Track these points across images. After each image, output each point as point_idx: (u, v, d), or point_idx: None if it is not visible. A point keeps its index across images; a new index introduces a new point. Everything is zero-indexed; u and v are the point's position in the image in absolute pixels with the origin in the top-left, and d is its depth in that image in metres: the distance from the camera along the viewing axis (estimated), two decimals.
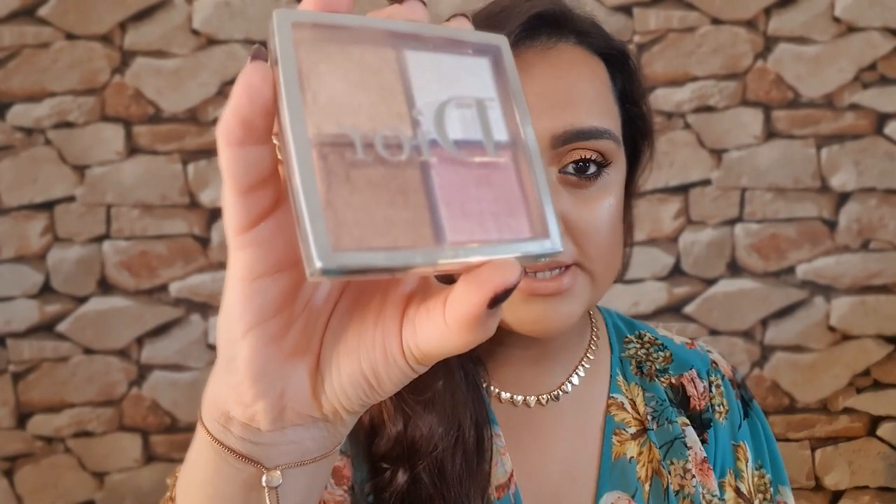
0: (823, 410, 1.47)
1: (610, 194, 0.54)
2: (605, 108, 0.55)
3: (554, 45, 0.54)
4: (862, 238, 1.44)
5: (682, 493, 0.62)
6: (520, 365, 0.63)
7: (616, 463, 0.62)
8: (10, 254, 1.38)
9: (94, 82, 1.36)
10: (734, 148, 1.41)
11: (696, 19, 1.39)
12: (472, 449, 0.57)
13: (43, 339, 1.40)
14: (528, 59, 0.53)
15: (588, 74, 0.54)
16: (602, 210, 0.54)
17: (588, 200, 0.53)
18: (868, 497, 1.49)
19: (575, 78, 0.53)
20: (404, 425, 0.57)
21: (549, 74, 0.53)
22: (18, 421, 1.40)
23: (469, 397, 0.58)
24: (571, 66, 0.54)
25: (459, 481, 0.56)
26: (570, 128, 0.51)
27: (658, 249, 1.43)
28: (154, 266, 1.39)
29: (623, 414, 0.64)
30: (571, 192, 0.53)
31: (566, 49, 0.55)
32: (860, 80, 1.41)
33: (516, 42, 0.52)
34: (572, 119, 0.52)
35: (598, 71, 0.56)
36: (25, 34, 1.35)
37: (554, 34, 0.55)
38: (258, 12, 1.36)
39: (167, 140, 1.37)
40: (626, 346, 0.68)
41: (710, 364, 0.68)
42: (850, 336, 1.46)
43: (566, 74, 0.53)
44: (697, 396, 0.66)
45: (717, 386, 0.67)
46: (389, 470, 0.57)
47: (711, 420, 0.65)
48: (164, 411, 1.41)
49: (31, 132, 1.36)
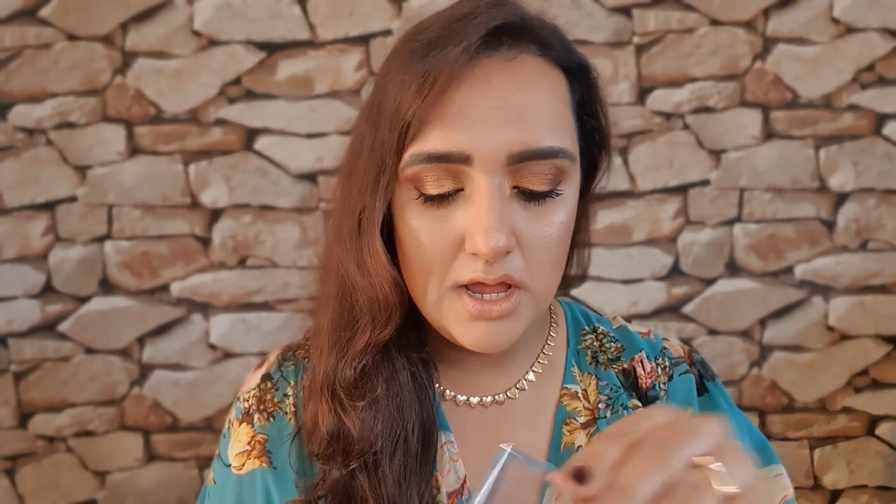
0: (822, 410, 1.47)
1: (561, 209, 0.55)
2: (562, 124, 0.55)
3: (514, 57, 0.54)
4: (860, 238, 1.44)
5: None
6: (475, 368, 0.63)
7: (564, 452, 0.62)
8: (11, 254, 1.38)
9: (95, 83, 1.36)
10: (733, 148, 1.42)
11: (695, 20, 1.39)
12: (414, 450, 0.58)
13: (44, 338, 1.40)
14: (487, 69, 0.53)
15: (547, 89, 0.54)
16: (553, 227, 0.54)
17: (540, 216, 0.54)
18: (867, 496, 1.50)
19: (532, 92, 0.53)
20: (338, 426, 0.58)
21: (509, 87, 0.53)
22: (20, 420, 1.41)
23: (415, 399, 0.59)
24: (530, 80, 0.54)
25: (398, 482, 0.57)
26: (525, 147, 0.52)
27: (657, 249, 1.43)
28: (155, 266, 1.40)
29: (574, 403, 0.64)
30: (524, 206, 0.54)
31: (527, 61, 0.55)
32: (859, 81, 1.41)
33: (476, 52, 0.52)
34: (528, 137, 0.52)
35: (557, 84, 0.56)
36: (27, 35, 1.35)
37: (514, 45, 0.54)
38: (259, 13, 1.36)
39: (168, 140, 1.38)
40: (582, 338, 0.69)
41: (661, 349, 0.69)
42: (848, 336, 1.46)
43: (524, 88, 0.53)
44: (645, 376, 0.67)
45: (664, 367, 0.68)
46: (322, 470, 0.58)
47: (657, 397, 0.66)
48: (165, 411, 1.42)
49: (33, 133, 1.37)
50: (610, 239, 1.42)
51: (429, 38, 0.54)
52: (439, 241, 0.54)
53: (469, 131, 0.51)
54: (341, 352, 0.59)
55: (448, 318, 0.56)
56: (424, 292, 0.56)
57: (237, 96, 1.38)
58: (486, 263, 0.52)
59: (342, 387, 0.58)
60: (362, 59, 1.38)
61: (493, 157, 0.51)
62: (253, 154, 1.39)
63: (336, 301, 0.59)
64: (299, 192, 1.40)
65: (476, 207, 0.52)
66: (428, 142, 0.52)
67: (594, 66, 0.60)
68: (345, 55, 1.38)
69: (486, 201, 0.51)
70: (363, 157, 0.57)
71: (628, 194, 1.41)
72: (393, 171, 0.54)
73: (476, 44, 0.52)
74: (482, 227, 0.51)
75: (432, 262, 0.54)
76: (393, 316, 0.57)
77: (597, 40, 1.39)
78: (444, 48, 0.52)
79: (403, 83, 0.53)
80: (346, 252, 0.57)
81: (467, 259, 0.53)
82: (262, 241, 1.40)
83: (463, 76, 0.52)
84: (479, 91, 0.52)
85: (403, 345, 0.60)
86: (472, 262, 0.53)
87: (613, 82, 1.40)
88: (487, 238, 0.51)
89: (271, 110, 1.38)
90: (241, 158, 1.39)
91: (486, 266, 0.52)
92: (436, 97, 0.51)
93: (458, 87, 0.52)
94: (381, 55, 1.39)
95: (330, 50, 1.38)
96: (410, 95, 0.52)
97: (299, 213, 1.40)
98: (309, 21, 1.37)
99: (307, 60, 1.37)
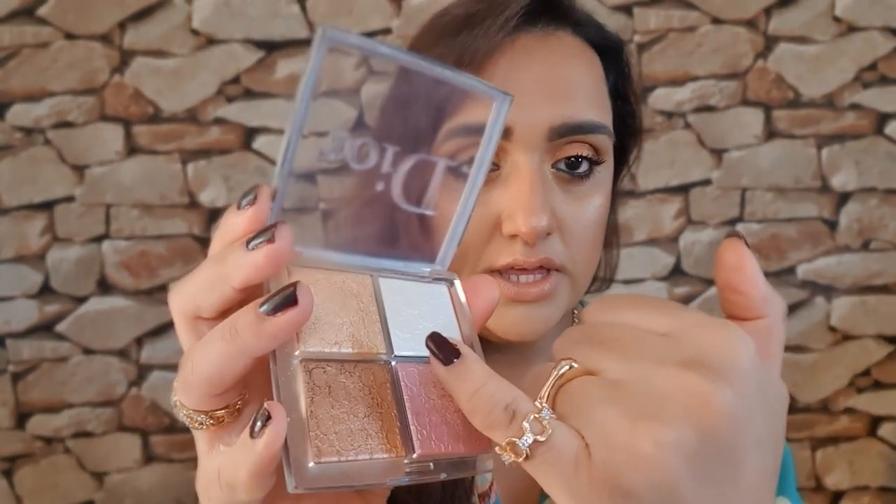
0: (824, 410, 1.47)
1: (599, 193, 0.54)
2: (601, 101, 0.54)
3: (553, 33, 0.54)
4: (862, 238, 1.44)
5: None
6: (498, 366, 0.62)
7: None
8: (9, 254, 1.38)
9: (93, 82, 1.36)
10: (735, 148, 1.41)
11: (697, 19, 1.39)
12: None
13: (42, 339, 1.39)
14: (527, 44, 0.52)
15: (586, 65, 0.54)
16: (591, 209, 0.53)
17: (579, 198, 0.53)
18: (868, 497, 1.49)
19: (573, 67, 0.53)
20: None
21: (549, 61, 0.52)
22: (18, 421, 1.40)
23: None
24: (570, 55, 0.53)
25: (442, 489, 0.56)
26: (568, 120, 0.51)
27: (658, 249, 1.43)
28: (153, 266, 1.39)
29: None
30: (563, 188, 0.53)
31: (564, 38, 0.54)
32: (861, 80, 1.41)
33: (516, 27, 0.52)
34: (570, 111, 0.51)
35: (594, 63, 0.55)
36: (25, 34, 1.34)
37: (552, 21, 0.54)
38: (258, 12, 1.36)
39: (167, 140, 1.37)
40: None
41: None
42: (850, 336, 1.46)
43: (565, 63, 0.53)
44: None
45: None
46: None
47: None
48: (163, 412, 1.41)
49: (31, 132, 1.36)
50: None
51: (465, 13, 0.53)
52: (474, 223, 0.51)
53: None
54: None
55: None
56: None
57: (236, 95, 1.37)
58: (526, 245, 0.51)
59: None
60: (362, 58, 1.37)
61: (533, 131, 0.50)
62: (251, 153, 1.38)
63: None
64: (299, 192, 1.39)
65: (516, 186, 0.50)
66: (467, 114, 0.49)
67: (628, 47, 0.59)
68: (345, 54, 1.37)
69: (528, 180, 0.50)
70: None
71: (629, 194, 1.41)
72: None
73: (515, 18, 0.51)
74: (524, 206, 0.49)
75: (466, 246, 0.52)
76: None
77: None
78: (483, 22, 0.51)
79: (441, 57, 0.51)
80: None
81: (504, 242, 0.51)
82: None
83: (504, 49, 0.51)
84: (521, 64, 0.51)
85: None
86: (510, 245, 0.51)
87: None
88: (529, 218, 0.49)
89: (270, 109, 1.37)
90: (239, 158, 1.38)
91: (526, 248, 0.51)
92: (476, 70, 0.50)
93: (499, 59, 0.51)
94: None
95: None
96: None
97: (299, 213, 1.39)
98: (308, 19, 1.36)
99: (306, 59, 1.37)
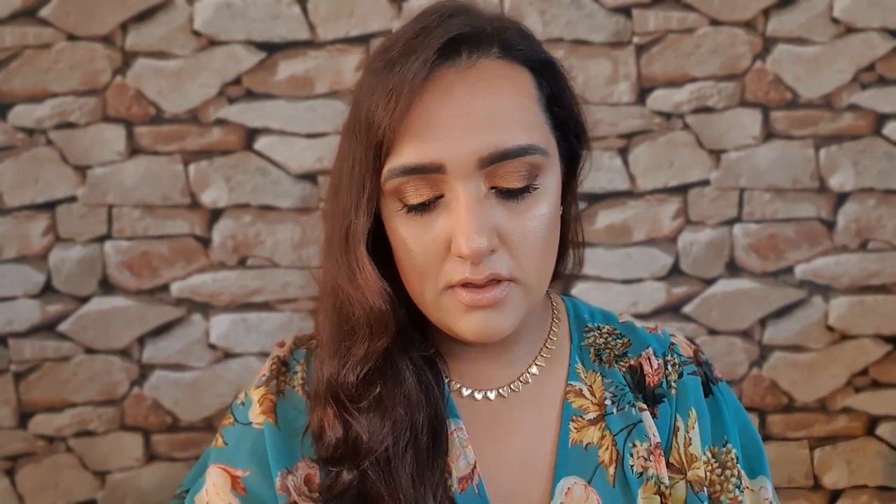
0: (822, 410, 1.47)
1: (542, 203, 0.56)
2: (530, 122, 0.56)
3: (474, 63, 0.56)
4: (860, 238, 1.44)
5: (644, 476, 0.63)
6: (479, 361, 0.65)
7: (572, 449, 0.63)
8: (11, 254, 1.38)
9: (95, 83, 1.36)
10: (733, 148, 1.42)
11: (695, 20, 1.39)
12: (424, 447, 0.60)
13: (44, 338, 1.40)
14: (448, 79, 0.55)
15: (509, 90, 0.56)
16: (535, 220, 0.56)
17: (521, 212, 0.56)
18: (867, 496, 1.50)
19: (496, 96, 0.55)
20: (344, 431, 0.60)
21: (470, 94, 0.54)
22: (20, 420, 1.41)
23: (422, 397, 0.61)
24: (492, 84, 0.55)
25: (412, 479, 0.59)
26: (494, 150, 0.53)
27: (657, 249, 1.43)
28: (155, 266, 1.40)
29: (581, 400, 0.66)
30: (504, 205, 0.56)
31: (487, 66, 0.56)
32: (859, 81, 1.41)
33: (435, 64, 0.54)
34: (496, 140, 0.54)
35: (522, 83, 0.57)
36: (27, 35, 1.35)
37: (474, 51, 0.56)
38: (259, 14, 1.36)
39: (168, 141, 1.38)
40: (585, 335, 0.70)
41: (668, 346, 0.70)
42: (848, 336, 1.46)
43: (487, 92, 0.55)
44: (652, 373, 0.67)
45: (673, 364, 0.68)
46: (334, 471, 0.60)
47: (664, 395, 0.67)
48: (165, 411, 1.42)
49: (33, 133, 1.37)
50: (610, 239, 1.42)
51: (391, 56, 0.56)
52: (427, 248, 0.56)
53: (438, 142, 0.53)
54: (342, 360, 0.61)
55: (447, 315, 0.58)
56: (422, 294, 0.59)
57: (237, 96, 1.38)
58: (472, 265, 0.55)
59: (345, 392, 0.60)
60: (362, 59, 1.38)
61: (464, 164, 0.53)
62: (253, 154, 1.39)
63: (333, 313, 0.62)
64: (299, 192, 1.40)
65: (455, 213, 0.54)
66: (401, 156, 0.54)
67: (559, 60, 0.61)
68: (345, 55, 1.38)
69: (464, 206, 0.54)
70: (345, 174, 0.59)
71: (628, 194, 1.41)
72: (375, 187, 0.57)
73: (433, 57, 0.54)
74: (462, 231, 0.53)
75: (424, 267, 0.57)
76: (388, 326, 0.59)
77: (597, 40, 1.39)
78: (405, 64, 0.54)
79: (372, 101, 0.56)
80: (339, 267, 0.60)
81: (457, 261, 0.55)
82: (262, 241, 1.40)
83: (425, 89, 0.54)
84: (442, 101, 0.54)
85: (406, 346, 0.62)
86: (461, 264, 0.55)
87: (613, 82, 1.40)
88: (469, 241, 0.53)
89: (271, 110, 1.38)
90: (241, 158, 1.39)
91: (473, 267, 0.55)
92: (402, 112, 0.54)
93: (421, 99, 0.54)
94: None
95: (330, 50, 1.38)
96: (380, 113, 0.55)
97: (299, 213, 1.40)
98: (309, 21, 1.37)
99: (307, 60, 1.37)
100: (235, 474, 0.65)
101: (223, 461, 0.68)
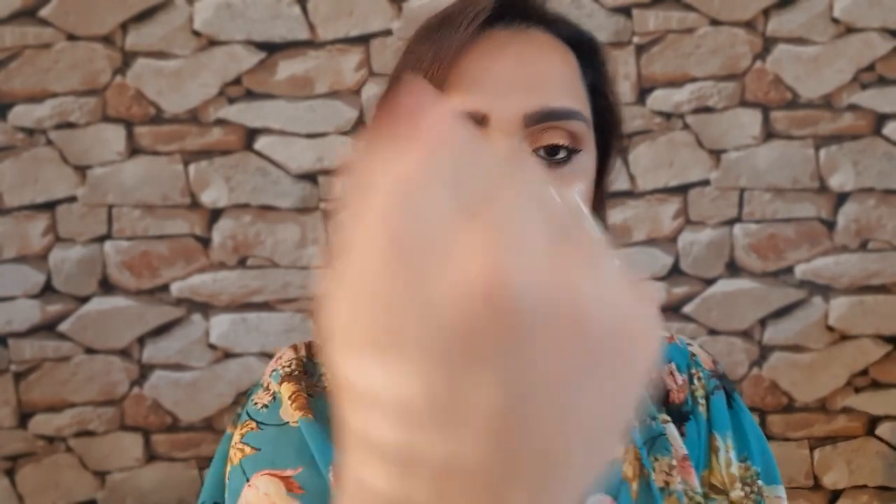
0: (822, 410, 1.47)
1: (581, 180, 0.55)
2: (576, 92, 0.56)
3: (525, 30, 0.56)
4: (860, 238, 1.44)
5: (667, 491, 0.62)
6: None
7: None
8: (11, 254, 1.38)
9: (95, 83, 1.36)
10: (733, 148, 1.42)
11: (695, 20, 1.39)
12: None
13: (44, 338, 1.40)
14: (501, 39, 0.55)
15: (559, 58, 0.56)
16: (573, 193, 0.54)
17: (560, 181, 0.54)
18: (867, 496, 1.50)
19: (547, 59, 0.55)
20: None
21: (522, 53, 0.54)
22: (20, 420, 1.41)
23: None
24: (543, 49, 0.55)
25: None
26: (542, 107, 0.52)
27: (657, 249, 1.43)
28: (155, 266, 1.40)
29: None
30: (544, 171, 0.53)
31: (538, 34, 0.56)
32: (859, 81, 1.41)
33: (488, 23, 0.54)
34: (545, 99, 0.53)
35: (568, 58, 0.57)
36: (27, 35, 1.35)
37: (525, 19, 0.56)
38: (259, 13, 1.36)
39: (168, 141, 1.38)
40: None
41: (690, 357, 0.68)
42: (848, 336, 1.46)
43: (538, 55, 0.55)
44: (676, 389, 0.65)
45: (699, 378, 0.66)
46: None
47: (691, 412, 0.65)
48: (165, 411, 1.42)
49: (33, 133, 1.37)
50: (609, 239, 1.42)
51: (442, 16, 0.56)
52: None
53: (484, 94, 0.53)
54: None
55: None
56: None
57: (237, 96, 1.38)
58: None
59: None
60: (362, 59, 1.38)
61: (509, 118, 0.52)
62: (253, 154, 1.39)
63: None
64: (299, 192, 1.40)
65: None
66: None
67: (603, 44, 0.61)
68: (345, 55, 1.38)
69: None
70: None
71: (628, 194, 1.41)
72: None
73: (486, 15, 0.54)
74: None
75: None
76: None
77: None
78: (457, 19, 0.54)
79: (420, 56, 0.55)
80: None
81: None
82: (262, 241, 1.40)
83: (476, 43, 0.54)
84: (494, 57, 0.54)
85: None
86: None
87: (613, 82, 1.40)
88: None
89: (271, 110, 1.38)
90: (241, 158, 1.39)
91: None
92: (450, 64, 0.53)
93: (472, 53, 0.53)
94: (381, 55, 1.40)
95: (330, 50, 1.38)
96: (426, 65, 0.54)
97: (299, 213, 1.40)
98: (309, 21, 1.37)
99: (307, 60, 1.37)
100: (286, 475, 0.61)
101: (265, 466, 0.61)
